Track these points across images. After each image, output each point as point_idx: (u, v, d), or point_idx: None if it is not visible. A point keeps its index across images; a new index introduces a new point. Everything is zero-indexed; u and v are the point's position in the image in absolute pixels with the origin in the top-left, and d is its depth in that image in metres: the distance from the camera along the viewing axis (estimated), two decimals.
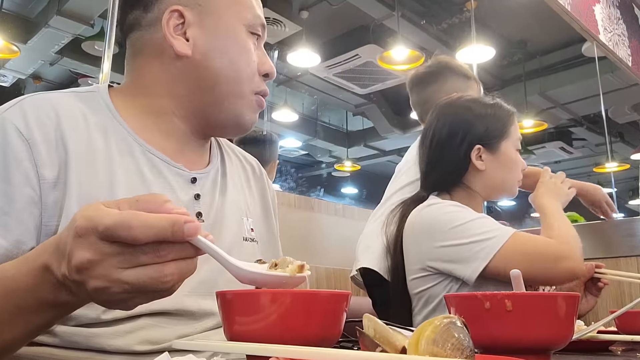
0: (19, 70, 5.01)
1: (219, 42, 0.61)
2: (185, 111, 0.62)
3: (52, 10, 3.90)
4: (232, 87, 0.62)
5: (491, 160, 0.99)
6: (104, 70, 1.59)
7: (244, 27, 0.62)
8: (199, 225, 0.36)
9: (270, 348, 0.32)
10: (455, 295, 0.46)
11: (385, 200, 1.36)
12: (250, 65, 0.62)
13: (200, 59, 0.61)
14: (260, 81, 0.64)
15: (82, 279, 0.35)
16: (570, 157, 6.85)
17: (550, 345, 0.43)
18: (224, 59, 0.61)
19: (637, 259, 1.46)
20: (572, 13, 2.60)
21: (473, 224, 0.91)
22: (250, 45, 0.63)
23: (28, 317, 0.40)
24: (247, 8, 0.63)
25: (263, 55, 0.65)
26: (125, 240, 0.34)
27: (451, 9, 4.20)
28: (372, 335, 0.33)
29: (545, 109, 5.50)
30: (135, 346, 0.52)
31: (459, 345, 0.30)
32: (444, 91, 1.37)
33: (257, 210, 0.72)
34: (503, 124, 1.00)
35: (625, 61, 3.21)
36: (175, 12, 0.61)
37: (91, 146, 0.56)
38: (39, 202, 0.51)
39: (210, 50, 0.61)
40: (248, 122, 0.65)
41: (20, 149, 0.52)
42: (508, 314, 0.41)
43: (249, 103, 0.63)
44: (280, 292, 0.40)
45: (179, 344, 0.39)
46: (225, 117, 0.63)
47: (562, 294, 0.43)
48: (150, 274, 0.35)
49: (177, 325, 0.55)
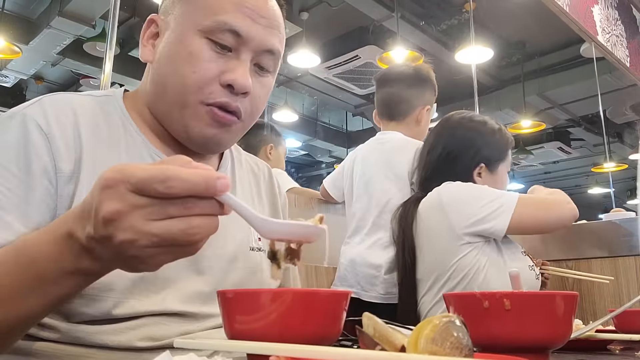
0: (20, 70, 5.01)
1: (167, 48, 0.59)
2: (155, 117, 0.62)
3: (53, 11, 3.91)
4: (175, 96, 0.58)
5: (488, 178, 1.14)
6: (105, 71, 1.59)
7: (198, 32, 0.57)
8: (229, 182, 0.36)
9: (271, 347, 0.32)
10: (454, 294, 0.46)
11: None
12: (197, 72, 0.57)
13: (156, 67, 0.61)
14: (218, 92, 0.57)
15: (110, 232, 0.35)
16: (568, 157, 6.86)
17: (548, 344, 0.43)
18: (169, 66, 0.59)
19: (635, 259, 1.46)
20: (570, 14, 2.61)
21: (486, 189, 1.08)
22: (202, 52, 0.57)
23: (48, 287, 0.40)
24: (210, 13, 0.58)
25: (234, 65, 0.58)
26: (160, 192, 0.34)
27: (450, 10, 4.21)
28: (372, 334, 0.33)
29: (544, 110, 5.51)
30: (137, 342, 0.53)
31: (458, 344, 0.30)
32: (422, 99, 1.47)
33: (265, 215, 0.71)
34: (505, 148, 1.15)
35: (623, 62, 3.22)
36: (152, 22, 0.63)
37: (104, 143, 0.57)
38: (55, 194, 0.53)
39: (161, 57, 0.60)
40: (198, 136, 0.59)
41: (40, 143, 0.53)
42: (507, 312, 0.41)
43: (196, 114, 0.58)
44: (280, 291, 0.40)
45: (180, 343, 0.40)
46: (175, 128, 0.60)
47: (561, 294, 0.44)
48: (178, 225, 0.35)
49: (179, 323, 0.56)
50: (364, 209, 1.42)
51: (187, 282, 0.58)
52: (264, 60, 0.61)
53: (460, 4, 4.00)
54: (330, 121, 6.68)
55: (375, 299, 1.33)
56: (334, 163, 7.48)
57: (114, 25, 1.65)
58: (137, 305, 0.53)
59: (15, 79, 5.29)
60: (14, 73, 5.10)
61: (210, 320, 0.58)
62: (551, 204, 1.06)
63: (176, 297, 0.56)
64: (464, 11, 4.06)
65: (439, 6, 4.18)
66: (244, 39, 0.58)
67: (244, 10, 0.58)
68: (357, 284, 1.36)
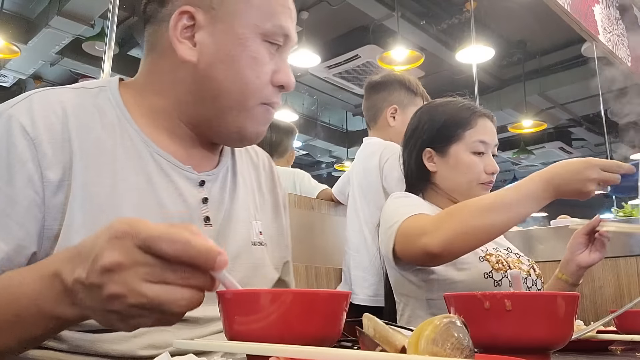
0: (19, 70, 5.02)
1: (226, 51, 0.56)
2: (188, 117, 0.60)
3: (52, 10, 3.91)
4: (235, 100, 0.57)
5: (441, 163, 1.03)
6: (104, 71, 1.59)
7: (259, 35, 0.57)
8: (227, 260, 0.36)
9: (270, 348, 0.32)
10: (455, 294, 0.46)
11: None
12: (260, 77, 0.58)
13: (204, 67, 0.57)
14: (272, 92, 0.59)
15: (103, 281, 0.35)
16: (569, 157, 6.83)
17: (549, 345, 0.43)
18: (229, 71, 0.56)
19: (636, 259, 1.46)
20: (571, 13, 2.60)
21: (396, 210, 0.95)
22: (263, 55, 0.58)
23: (26, 327, 0.40)
24: (268, 16, 0.57)
25: (282, 65, 0.60)
26: (164, 252, 0.34)
27: (451, 10, 4.21)
28: (372, 335, 0.33)
29: (545, 109, 5.51)
30: (139, 351, 0.52)
31: (459, 345, 0.30)
32: (388, 101, 1.52)
33: (266, 211, 0.70)
34: (454, 128, 1.01)
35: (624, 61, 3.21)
36: (185, 13, 0.57)
37: (98, 146, 0.54)
38: (42, 205, 0.50)
39: (216, 61, 0.56)
40: (251, 135, 0.60)
41: (25, 149, 0.50)
42: (508, 313, 0.41)
43: (253, 115, 0.59)
44: (280, 291, 0.40)
45: (180, 344, 0.39)
46: (227, 130, 0.59)
47: (562, 294, 0.43)
48: (170, 292, 0.35)
49: (181, 330, 0.55)
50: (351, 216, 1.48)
51: None
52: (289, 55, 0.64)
53: (461, 3, 4.00)
54: (330, 121, 6.68)
55: (363, 301, 1.35)
56: (334, 163, 7.48)
57: (113, 25, 1.65)
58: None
59: (14, 78, 5.29)
60: (12, 73, 5.10)
61: (213, 325, 0.58)
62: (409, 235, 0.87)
63: None
64: (465, 10, 4.06)
65: (439, 5, 4.18)
66: (291, 40, 0.60)
67: (287, 12, 0.60)
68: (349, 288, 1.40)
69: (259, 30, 0.57)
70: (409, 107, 1.50)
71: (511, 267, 0.95)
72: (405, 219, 0.89)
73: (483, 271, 0.92)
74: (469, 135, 1.00)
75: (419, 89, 1.54)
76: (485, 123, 1.02)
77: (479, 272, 0.91)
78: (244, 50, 0.57)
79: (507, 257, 0.98)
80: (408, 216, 0.90)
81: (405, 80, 1.54)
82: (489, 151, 1.02)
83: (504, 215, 0.82)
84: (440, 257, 0.85)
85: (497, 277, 0.92)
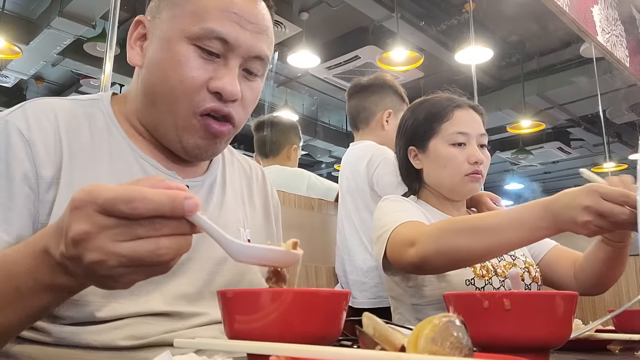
0: (21, 71, 5.02)
1: (155, 55, 0.58)
2: (145, 123, 0.61)
3: (54, 11, 3.91)
4: (166, 106, 0.57)
5: (425, 160, 1.02)
6: (105, 72, 1.59)
7: (185, 39, 0.56)
8: (198, 202, 0.36)
9: (271, 346, 0.32)
10: (454, 294, 0.46)
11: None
12: (184, 81, 0.56)
13: (144, 71, 0.59)
14: (207, 98, 0.57)
15: (79, 252, 0.36)
16: (568, 157, 6.87)
17: (548, 344, 0.43)
18: (157, 74, 0.57)
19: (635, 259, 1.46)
20: (570, 14, 2.61)
21: (386, 217, 0.93)
22: (189, 59, 0.56)
23: (26, 301, 0.41)
24: (197, 20, 0.56)
25: (221, 72, 0.57)
26: (125, 213, 0.34)
27: (450, 11, 4.21)
28: (372, 334, 0.33)
29: (544, 110, 5.52)
30: (120, 341, 0.53)
31: (458, 344, 0.30)
32: (382, 105, 1.52)
33: (256, 220, 0.71)
34: (430, 123, 1.00)
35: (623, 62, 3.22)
36: (139, 23, 0.61)
37: (85, 149, 0.57)
38: (36, 200, 0.53)
39: (150, 64, 0.58)
40: (192, 147, 0.58)
41: (21, 149, 0.53)
42: (507, 313, 0.41)
43: (188, 127, 0.57)
44: (280, 291, 0.40)
45: (180, 343, 0.40)
46: (169, 139, 0.59)
47: (561, 293, 0.44)
48: (146, 246, 0.35)
49: (163, 322, 0.56)
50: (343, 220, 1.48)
51: (172, 284, 0.58)
52: (253, 65, 0.60)
53: (460, 4, 4.00)
54: (330, 121, 6.68)
55: (364, 304, 1.35)
56: (334, 163, 7.47)
57: (114, 26, 1.65)
58: (119, 308, 0.54)
59: (15, 79, 5.29)
60: (14, 73, 5.10)
61: (196, 319, 0.58)
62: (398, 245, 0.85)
63: (160, 299, 0.56)
64: (464, 11, 4.06)
65: (438, 6, 4.18)
66: (231, 45, 0.57)
67: (231, 17, 0.57)
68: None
69: (184, 34, 0.56)
70: (399, 113, 1.51)
71: (497, 273, 0.92)
72: (396, 226, 0.88)
73: (465, 278, 0.89)
74: (445, 128, 0.98)
75: (405, 98, 1.56)
76: (462, 114, 0.99)
77: (460, 279, 0.89)
78: (168, 52, 0.57)
79: (499, 262, 0.94)
80: (399, 224, 0.88)
81: (396, 85, 1.55)
82: (472, 142, 0.98)
83: (485, 239, 0.74)
84: (422, 269, 0.84)
85: (480, 284, 0.89)
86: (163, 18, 0.59)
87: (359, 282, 1.38)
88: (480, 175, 0.98)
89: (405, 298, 0.96)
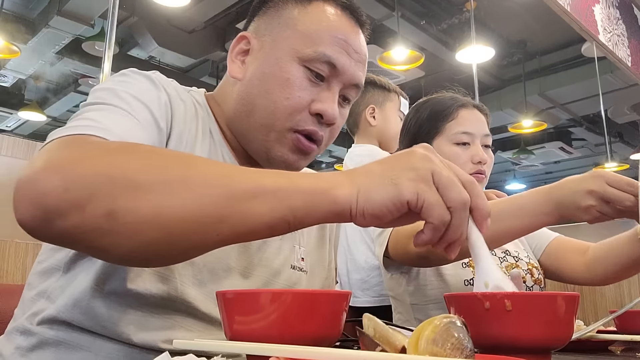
0: (19, 70, 5.02)
1: (262, 70, 0.60)
2: (233, 130, 0.63)
3: (52, 10, 3.91)
4: (265, 117, 0.59)
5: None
6: (104, 71, 1.59)
7: (297, 59, 0.59)
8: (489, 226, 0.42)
9: (270, 347, 0.32)
10: (455, 295, 0.46)
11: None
12: (290, 99, 0.58)
13: (245, 84, 0.61)
14: (306, 120, 0.59)
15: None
16: (569, 157, 6.87)
17: (549, 345, 0.43)
18: (261, 87, 0.59)
19: None
20: (571, 13, 2.61)
21: None
22: (298, 79, 0.58)
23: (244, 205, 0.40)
24: (309, 42, 0.59)
25: (324, 95, 0.59)
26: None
27: (451, 10, 4.21)
28: (372, 335, 0.33)
29: (545, 109, 5.51)
30: (160, 343, 0.53)
31: (459, 345, 0.30)
32: (363, 103, 1.53)
33: (311, 239, 0.71)
34: (434, 122, 1.00)
35: (624, 61, 3.22)
36: (243, 38, 0.63)
37: (186, 129, 0.59)
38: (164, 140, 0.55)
39: (253, 78, 0.60)
40: (279, 159, 0.60)
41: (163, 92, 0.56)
42: (508, 313, 0.41)
43: (280, 139, 0.59)
44: (280, 291, 0.40)
45: (180, 344, 0.39)
46: (256, 148, 0.61)
47: (562, 294, 0.43)
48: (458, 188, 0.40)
49: (204, 328, 0.56)
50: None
51: (230, 282, 0.58)
52: (350, 92, 0.63)
53: (461, 3, 4.00)
54: None
55: (367, 303, 1.35)
56: (334, 163, 7.48)
57: (113, 25, 1.65)
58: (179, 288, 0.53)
59: (13, 78, 5.29)
60: (12, 73, 5.11)
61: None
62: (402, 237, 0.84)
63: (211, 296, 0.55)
64: (465, 10, 4.06)
65: (439, 5, 4.18)
66: (338, 71, 0.59)
67: (341, 44, 0.60)
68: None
69: (296, 54, 0.59)
70: (385, 104, 1.51)
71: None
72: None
73: (464, 278, 0.89)
74: (449, 127, 0.98)
75: (390, 85, 1.55)
76: (467, 113, 0.99)
77: (459, 279, 0.89)
78: (278, 70, 0.59)
79: (501, 262, 0.94)
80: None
81: (375, 79, 1.55)
82: (476, 141, 0.98)
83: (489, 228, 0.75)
84: (429, 260, 0.83)
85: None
86: (274, 37, 0.61)
87: (362, 281, 1.38)
88: (483, 175, 0.98)
89: (405, 297, 0.96)
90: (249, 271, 0.60)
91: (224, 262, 0.57)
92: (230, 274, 0.58)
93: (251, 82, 0.60)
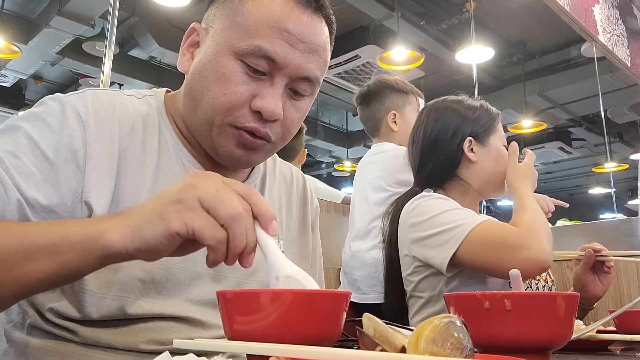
0: (20, 70, 5.02)
1: (202, 64, 0.57)
2: (187, 125, 0.62)
3: (53, 10, 3.91)
4: (204, 114, 0.57)
5: (482, 152, 1.03)
6: (104, 71, 1.59)
7: (233, 53, 0.55)
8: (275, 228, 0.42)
9: (270, 347, 0.32)
10: (455, 294, 0.46)
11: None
12: (227, 95, 0.55)
13: (189, 78, 0.59)
14: (246, 116, 0.56)
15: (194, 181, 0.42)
16: (569, 157, 6.86)
17: (549, 345, 0.43)
18: (201, 83, 0.57)
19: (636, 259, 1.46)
20: (571, 14, 2.61)
21: (448, 214, 0.93)
22: (234, 74, 0.55)
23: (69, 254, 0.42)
24: (246, 36, 0.55)
25: (265, 91, 0.56)
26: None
27: (451, 10, 4.21)
28: (372, 335, 0.33)
29: (545, 109, 5.51)
30: (142, 345, 0.53)
31: (459, 345, 0.30)
32: (384, 108, 1.52)
33: (292, 231, 0.71)
34: (490, 121, 1.05)
35: (624, 61, 3.22)
36: (194, 30, 0.61)
37: (135, 147, 0.58)
38: (81, 178, 0.53)
39: (194, 71, 0.58)
40: (225, 154, 0.58)
41: (76, 128, 0.54)
42: (507, 313, 0.41)
43: (222, 134, 0.57)
44: (280, 291, 0.40)
45: (180, 343, 0.39)
46: (205, 144, 0.60)
47: (562, 294, 0.43)
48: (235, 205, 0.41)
49: (185, 328, 0.56)
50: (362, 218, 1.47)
51: (199, 289, 0.58)
52: (300, 86, 0.58)
53: (461, 3, 4.00)
54: (330, 121, 6.68)
55: (377, 299, 1.34)
56: (334, 163, 7.48)
57: (113, 25, 1.65)
58: (145, 306, 0.54)
59: (14, 78, 5.29)
60: (13, 73, 5.10)
61: (217, 330, 0.58)
62: (504, 248, 0.85)
63: (185, 303, 0.56)
64: (465, 10, 4.06)
65: (439, 5, 4.18)
66: (278, 65, 0.56)
67: (282, 35, 0.55)
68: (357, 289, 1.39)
69: (232, 48, 0.56)
70: (405, 108, 1.51)
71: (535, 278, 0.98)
72: (475, 226, 0.88)
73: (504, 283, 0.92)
74: (499, 129, 1.05)
75: (407, 87, 1.54)
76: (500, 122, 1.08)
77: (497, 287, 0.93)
78: (215, 64, 0.56)
79: None
80: (476, 224, 0.88)
81: (393, 82, 1.54)
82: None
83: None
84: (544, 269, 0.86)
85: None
86: (215, 28, 0.59)
87: (369, 277, 1.37)
88: None
89: (440, 299, 0.96)
90: (221, 274, 0.59)
91: (190, 270, 0.57)
92: (200, 280, 0.58)
93: (193, 76, 0.58)
